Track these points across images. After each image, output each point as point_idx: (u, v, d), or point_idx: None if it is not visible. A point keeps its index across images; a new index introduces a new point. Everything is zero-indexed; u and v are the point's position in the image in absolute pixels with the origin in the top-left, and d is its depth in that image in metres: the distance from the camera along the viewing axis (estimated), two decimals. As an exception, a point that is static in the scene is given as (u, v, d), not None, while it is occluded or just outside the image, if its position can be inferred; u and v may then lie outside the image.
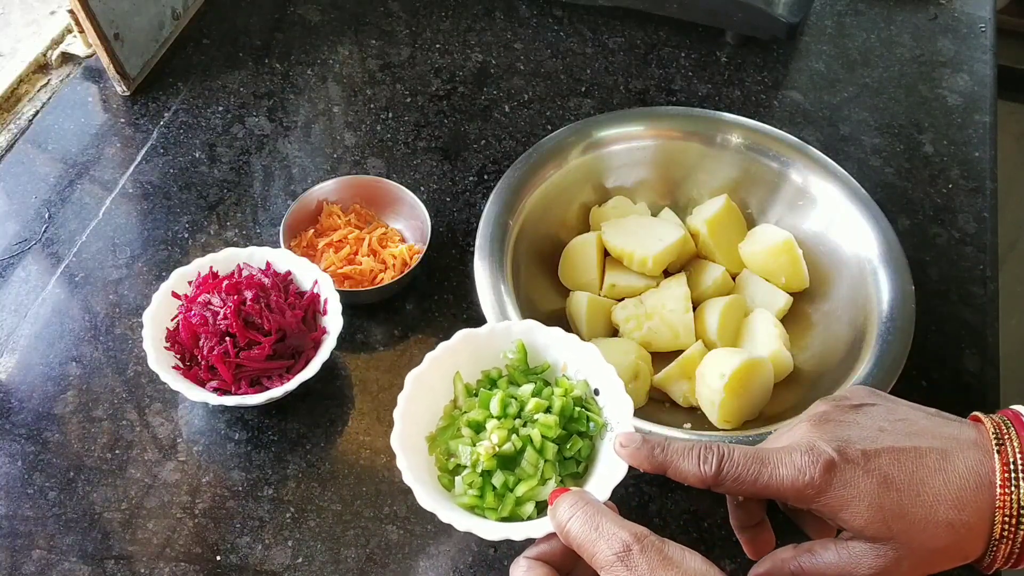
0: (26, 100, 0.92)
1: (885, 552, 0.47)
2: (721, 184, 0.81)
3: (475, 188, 0.86)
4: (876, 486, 0.46)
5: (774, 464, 0.48)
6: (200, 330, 0.68)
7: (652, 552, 0.44)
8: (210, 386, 0.67)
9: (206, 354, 0.67)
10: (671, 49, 1.00)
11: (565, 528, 0.46)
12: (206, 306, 0.68)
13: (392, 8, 1.03)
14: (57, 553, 0.63)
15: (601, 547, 0.44)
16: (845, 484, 0.47)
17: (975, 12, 1.06)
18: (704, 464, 0.48)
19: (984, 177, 0.89)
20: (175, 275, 0.71)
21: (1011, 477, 0.46)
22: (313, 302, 0.72)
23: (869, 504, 0.46)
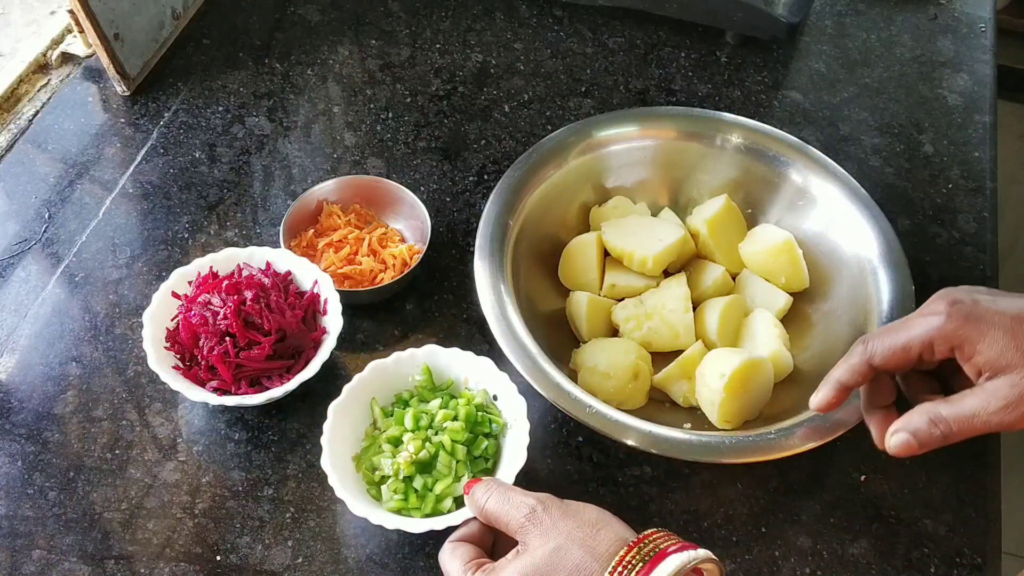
0: (26, 100, 0.92)
1: (1018, 381, 0.50)
2: (721, 184, 0.81)
3: (475, 188, 0.86)
4: (1009, 318, 0.51)
5: (912, 322, 0.55)
6: (200, 330, 0.68)
7: (553, 508, 0.53)
8: (210, 386, 0.67)
9: (206, 354, 0.67)
10: (671, 49, 1.00)
11: (483, 507, 0.55)
12: (206, 306, 0.69)
13: (392, 8, 1.03)
14: (57, 553, 0.63)
15: (513, 514, 0.53)
16: (980, 317, 0.52)
17: (975, 12, 1.06)
18: (852, 358, 0.57)
19: (984, 177, 0.89)
20: (175, 275, 0.71)
21: None
22: (313, 302, 0.72)
23: (1004, 332, 0.51)
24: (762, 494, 0.68)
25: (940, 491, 0.68)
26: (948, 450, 0.70)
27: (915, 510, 0.67)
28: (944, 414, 0.53)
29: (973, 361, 0.52)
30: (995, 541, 0.66)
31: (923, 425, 0.53)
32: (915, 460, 0.70)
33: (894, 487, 0.68)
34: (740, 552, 0.65)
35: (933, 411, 0.53)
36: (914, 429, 0.54)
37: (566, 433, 0.70)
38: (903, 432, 0.54)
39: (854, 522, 0.67)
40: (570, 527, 0.51)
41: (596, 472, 0.68)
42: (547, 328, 0.73)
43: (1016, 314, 0.52)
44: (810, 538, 0.66)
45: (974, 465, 0.70)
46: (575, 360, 0.72)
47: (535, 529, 0.52)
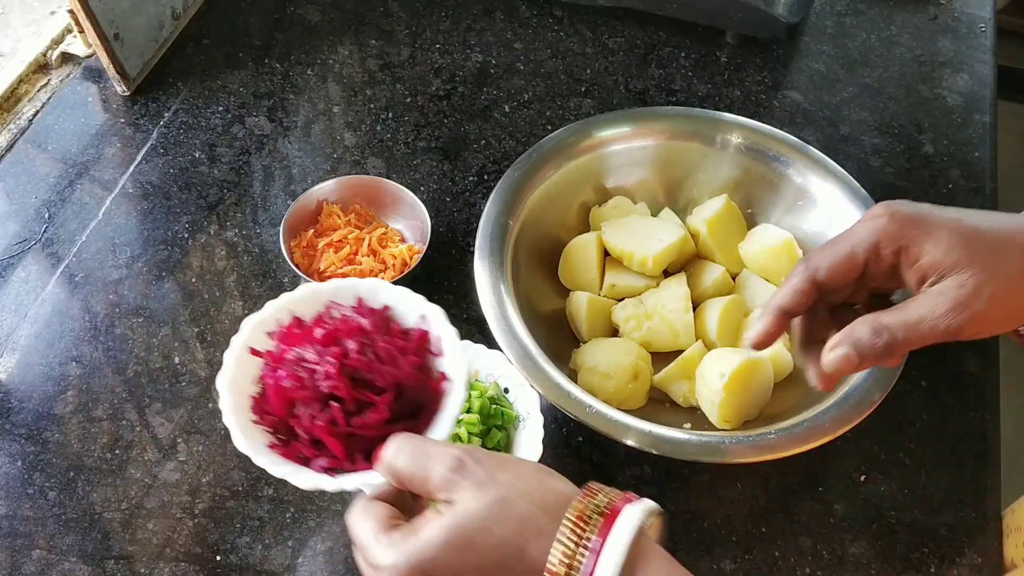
0: (26, 100, 0.92)
1: (966, 280, 0.47)
2: (721, 184, 0.81)
3: (475, 188, 0.86)
4: (951, 218, 0.48)
5: (854, 229, 0.51)
6: (296, 395, 0.53)
7: (485, 459, 0.44)
8: (317, 465, 0.53)
9: (307, 425, 0.53)
10: (671, 49, 1.00)
11: (393, 465, 0.45)
12: (299, 364, 0.54)
13: (392, 8, 1.03)
14: (57, 553, 0.63)
15: (434, 468, 0.43)
16: (923, 217, 0.49)
17: (975, 12, 1.06)
18: (794, 277, 0.52)
19: (984, 177, 0.89)
20: (248, 326, 0.56)
21: None
22: (423, 341, 0.57)
23: (949, 230, 0.48)
24: (762, 494, 0.68)
25: (940, 491, 0.68)
26: (948, 450, 0.70)
27: (915, 510, 0.67)
28: (886, 321, 0.48)
29: (919, 264, 0.49)
30: (995, 541, 0.66)
31: (864, 335, 0.49)
32: (915, 460, 0.70)
33: (894, 487, 0.68)
34: (740, 552, 0.65)
35: (875, 320, 0.49)
36: (854, 340, 0.49)
37: (566, 433, 0.70)
38: (843, 346, 0.49)
39: (854, 522, 0.67)
40: (509, 479, 0.43)
41: (596, 472, 0.68)
42: (547, 328, 0.73)
43: (959, 216, 0.49)
44: (810, 538, 0.66)
45: (974, 465, 0.70)
46: (575, 360, 0.72)
47: (465, 482, 0.43)
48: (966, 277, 0.47)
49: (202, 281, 0.78)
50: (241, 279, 0.79)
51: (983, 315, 0.47)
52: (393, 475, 0.45)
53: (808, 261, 0.52)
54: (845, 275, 0.51)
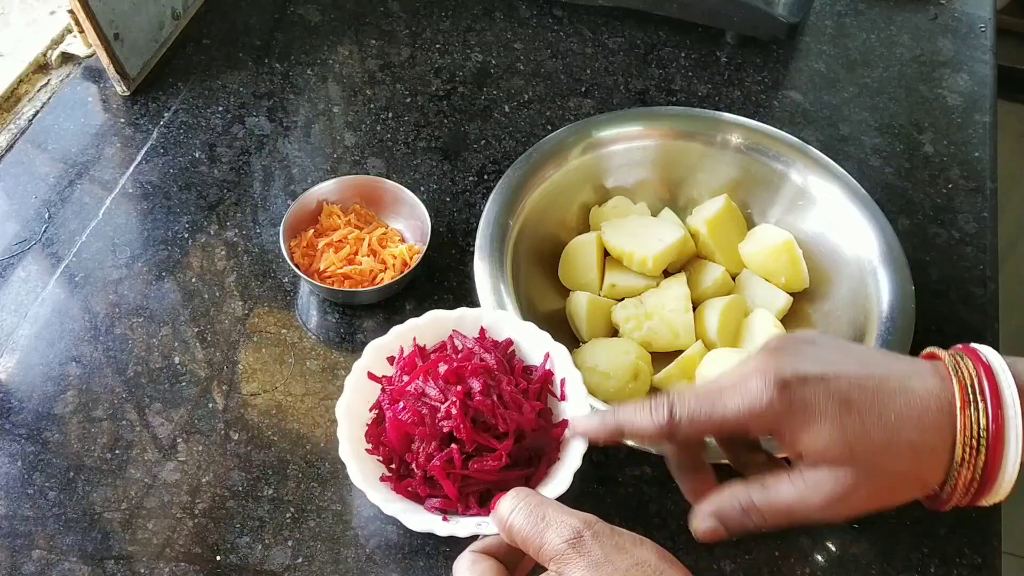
0: (26, 100, 0.92)
1: (844, 477, 0.45)
2: (721, 184, 0.81)
3: (475, 188, 0.86)
4: (838, 406, 0.44)
5: (729, 394, 0.46)
6: (414, 431, 0.52)
7: (604, 536, 0.42)
8: (430, 504, 0.53)
9: (423, 462, 0.52)
10: (671, 49, 1.00)
11: (508, 522, 0.43)
12: (419, 399, 0.53)
13: (392, 8, 1.03)
14: (57, 553, 0.63)
15: (549, 536, 0.42)
16: (805, 405, 0.45)
17: (975, 12, 1.06)
18: (656, 412, 0.47)
19: (984, 177, 0.89)
20: (370, 350, 0.56)
21: (970, 399, 0.44)
22: (546, 382, 0.56)
23: (832, 425, 0.44)
24: (762, 494, 0.68)
25: (940, 491, 0.68)
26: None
27: (915, 510, 0.67)
28: (757, 503, 0.47)
29: (793, 448, 0.46)
30: (995, 541, 0.66)
31: (734, 514, 0.47)
32: (915, 460, 0.70)
33: (894, 487, 0.68)
34: (740, 552, 0.65)
35: (745, 498, 0.47)
36: (723, 517, 0.48)
37: (566, 433, 0.70)
38: (712, 519, 0.48)
39: (854, 522, 0.67)
40: (627, 564, 0.40)
41: (596, 472, 0.68)
42: (547, 328, 0.72)
43: (844, 398, 0.45)
44: (810, 538, 0.66)
45: (974, 465, 0.69)
46: (575, 360, 0.72)
47: (579, 560, 0.41)
48: (843, 475, 0.45)
49: (202, 281, 0.78)
50: (241, 279, 0.79)
51: (857, 509, 0.46)
52: (507, 532, 0.44)
53: (675, 406, 0.47)
54: (704, 434, 0.49)
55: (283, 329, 0.75)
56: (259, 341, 0.75)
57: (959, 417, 0.44)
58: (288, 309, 0.77)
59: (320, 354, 0.74)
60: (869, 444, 0.44)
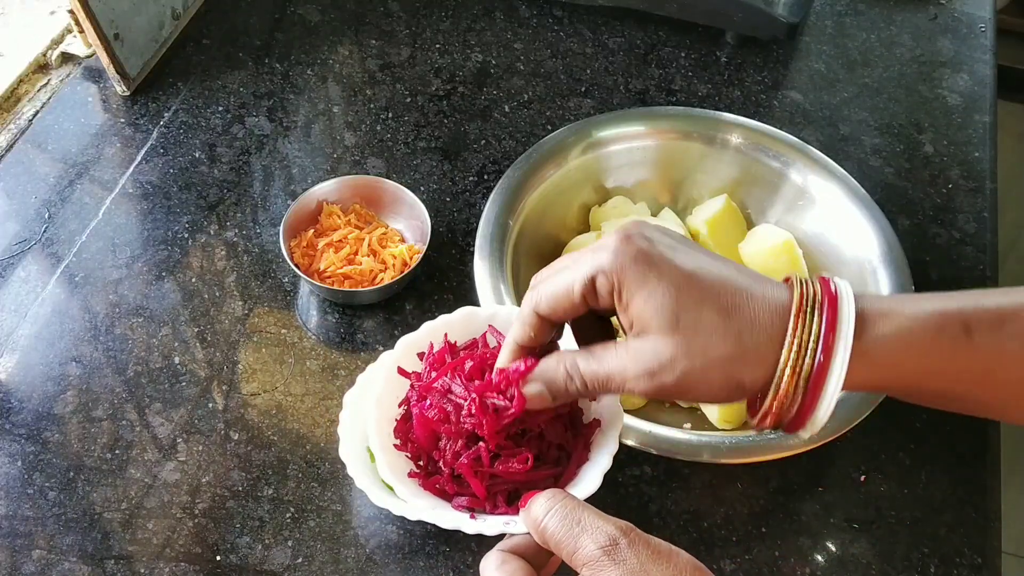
0: (26, 100, 0.92)
1: (663, 348, 0.44)
2: (721, 184, 0.81)
3: (475, 188, 0.86)
4: (677, 275, 0.44)
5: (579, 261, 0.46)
6: (440, 428, 0.51)
7: (640, 545, 0.41)
8: (457, 502, 0.51)
9: (450, 460, 0.51)
10: (671, 49, 1.00)
11: (542, 525, 0.43)
12: (446, 396, 0.51)
13: (392, 8, 1.03)
14: (57, 553, 0.63)
15: (584, 542, 0.41)
16: (649, 261, 0.44)
17: (975, 12, 1.06)
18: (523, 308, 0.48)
19: (984, 177, 0.89)
20: (401, 345, 0.55)
21: (805, 309, 0.43)
22: None
23: (666, 290, 0.44)
24: (762, 494, 0.68)
25: (940, 491, 0.68)
26: (948, 450, 0.70)
27: (915, 510, 0.67)
28: (581, 368, 0.46)
29: (628, 312, 0.45)
30: (995, 541, 0.66)
31: (559, 377, 0.47)
32: (915, 460, 0.70)
33: (894, 487, 0.68)
34: (740, 552, 0.65)
35: (571, 362, 0.46)
36: (548, 379, 0.47)
37: (566, 433, 0.70)
38: (537, 382, 0.47)
39: (854, 522, 0.67)
40: (662, 574, 0.40)
41: (596, 472, 0.68)
42: (547, 328, 0.73)
43: (690, 272, 0.44)
44: (810, 538, 0.66)
45: (974, 465, 0.70)
46: (575, 360, 0.72)
47: (614, 568, 0.40)
48: (663, 346, 0.44)
49: (202, 281, 0.78)
50: (241, 279, 0.79)
51: (669, 388, 0.44)
52: (540, 534, 0.43)
53: (534, 290, 0.48)
54: (567, 310, 0.47)
55: (283, 329, 0.75)
56: (259, 341, 0.75)
57: (791, 321, 0.43)
58: (288, 309, 0.77)
59: (320, 354, 0.74)
60: (696, 320, 0.43)
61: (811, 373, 0.43)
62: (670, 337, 0.43)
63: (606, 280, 0.45)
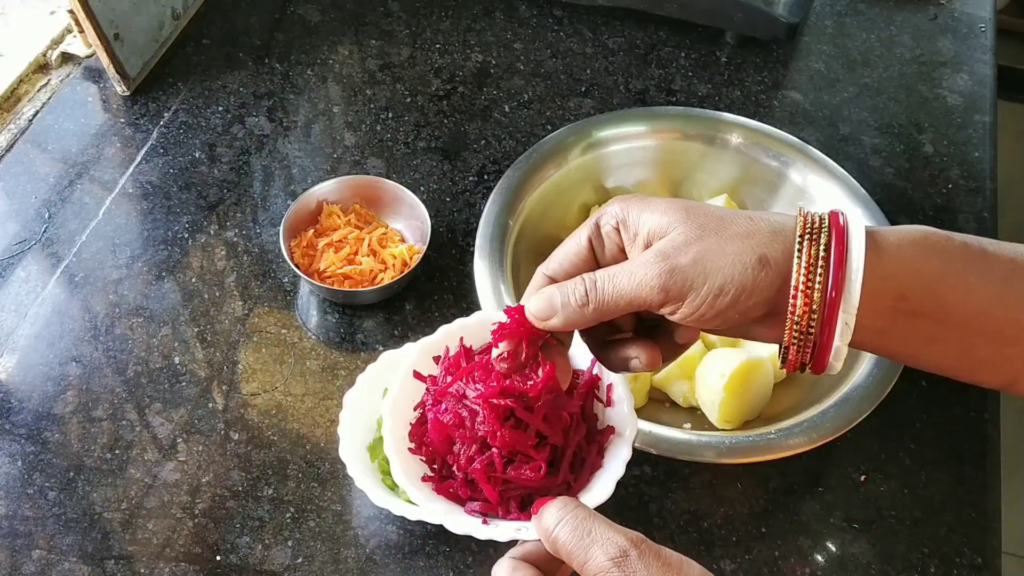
0: (26, 100, 0.92)
1: (678, 234, 0.43)
2: (721, 184, 0.81)
3: (475, 188, 0.86)
4: (683, 203, 0.45)
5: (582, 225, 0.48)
6: (455, 433, 0.51)
7: (651, 557, 0.41)
8: (470, 507, 0.51)
9: (464, 465, 0.51)
10: (671, 49, 1.00)
11: (553, 534, 0.43)
12: (460, 401, 0.51)
13: (392, 8, 1.03)
14: (57, 553, 0.63)
15: (595, 553, 0.41)
16: (644, 198, 0.45)
17: (975, 12, 1.06)
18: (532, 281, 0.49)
19: (984, 177, 0.89)
20: (419, 347, 0.55)
21: (810, 232, 0.43)
22: (592, 388, 0.54)
23: (670, 203, 0.45)
24: (762, 494, 0.68)
25: (940, 491, 0.68)
26: (948, 450, 0.70)
27: (915, 510, 0.67)
28: (596, 275, 0.46)
29: (639, 238, 0.45)
30: (995, 541, 0.66)
31: (570, 287, 0.46)
32: (915, 460, 0.70)
33: (894, 487, 0.68)
34: (740, 552, 0.65)
35: (590, 277, 0.46)
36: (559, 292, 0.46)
37: (566, 433, 0.70)
38: (549, 299, 0.47)
39: (854, 522, 0.67)
40: None
41: (596, 472, 0.68)
42: (547, 328, 0.73)
43: (688, 204, 0.45)
44: (810, 538, 0.66)
45: (974, 465, 0.70)
46: (575, 360, 0.72)
47: None
48: (677, 233, 0.43)
49: (202, 281, 0.78)
50: (241, 279, 0.79)
51: (685, 269, 0.42)
52: (551, 543, 0.43)
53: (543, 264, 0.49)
54: (574, 262, 0.47)
55: (283, 329, 0.75)
56: (259, 341, 0.75)
57: (795, 240, 0.42)
58: (288, 309, 0.77)
59: (320, 354, 0.74)
60: (706, 212, 0.44)
61: (826, 287, 0.42)
62: (683, 226, 0.43)
63: (611, 217, 0.46)
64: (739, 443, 0.63)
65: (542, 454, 0.50)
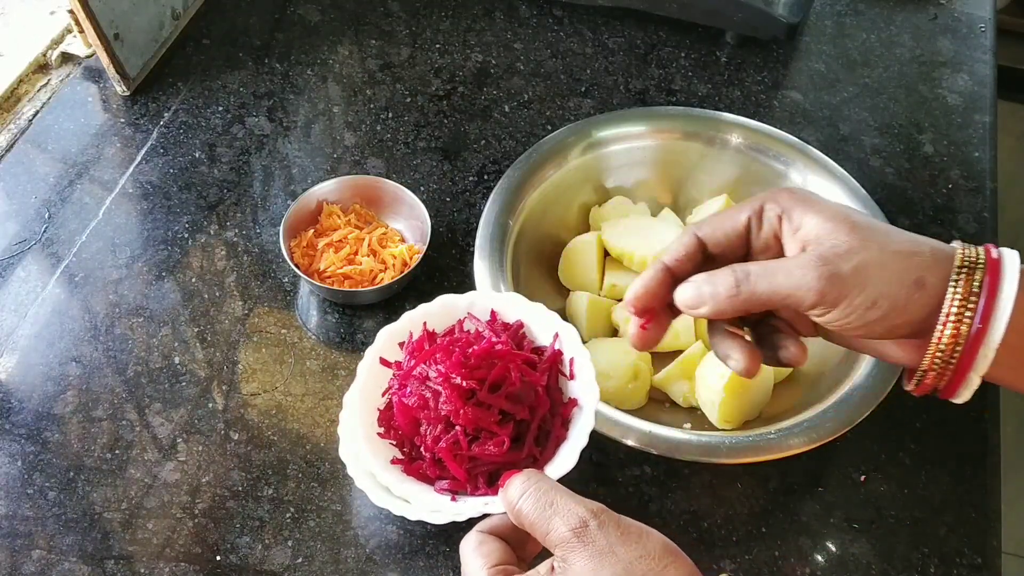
0: (26, 100, 0.92)
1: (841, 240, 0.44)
2: (721, 184, 0.81)
3: (475, 188, 0.86)
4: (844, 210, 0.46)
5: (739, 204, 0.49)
6: (420, 414, 0.53)
7: (611, 526, 0.42)
8: (439, 486, 0.53)
9: (431, 445, 0.53)
10: (671, 49, 1.00)
11: (516, 507, 0.44)
12: (424, 382, 0.53)
13: (392, 8, 1.03)
14: (57, 553, 0.63)
15: (556, 524, 0.43)
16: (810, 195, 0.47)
17: (975, 12, 1.06)
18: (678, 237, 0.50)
19: (984, 177, 0.89)
20: (383, 335, 0.56)
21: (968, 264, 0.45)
22: (555, 364, 0.56)
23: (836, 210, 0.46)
24: (762, 494, 0.68)
25: (940, 491, 0.68)
26: (948, 450, 0.70)
27: (915, 510, 0.67)
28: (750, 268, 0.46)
29: (800, 233, 0.46)
30: (995, 541, 0.66)
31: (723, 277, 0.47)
32: (915, 460, 0.70)
33: (894, 487, 0.68)
34: (740, 552, 0.65)
35: (740, 268, 0.47)
36: (712, 281, 0.47)
37: (566, 433, 0.70)
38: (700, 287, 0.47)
39: (854, 522, 0.67)
40: (631, 556, 0.41)
41: (596, 472, 0.68)
42: (547, 328, 0.73)
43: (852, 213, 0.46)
44: (810, 538, 0.66)
45: (974, 465, 0.70)
46: (575, 360, 0.72)
47: (583, 548, 0.41)
48: (841, 240, 0.45)
49: (202, 281, 0.78)
50: (241, 279, 0.79)
51: (845, 276, 0.44)
52: (515, 516, 0.45)
53: (695, 224, 0.50)
54: (728, 234, 0.48)
55: (283, 329, 0.75)
56: (259, 341, 0.75)
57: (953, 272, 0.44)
58: (288, 309, 0.77)
59: (320, 354, 0.74)
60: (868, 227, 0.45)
61: (971, 327, 0.43)
62: (848, 237, 0.45)
63: (775, 205, 0.47)
64: (739, 443, 0.63)
65: (506, 429, 0.52)
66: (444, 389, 0.52)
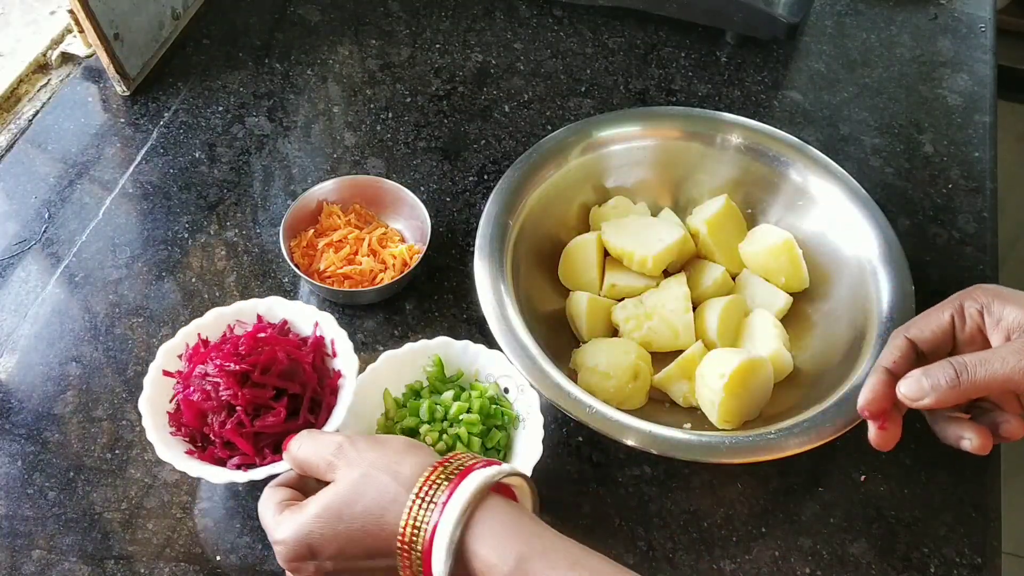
0: (26, 100, 0.92)
1: None
2: (721, 184, 0.81)
3: (475, 188, 0.86)
4: None
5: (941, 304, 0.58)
6: (204, 407, 0.61)
7: (360, 441, 0.52)
8: (232, 464, 0.61)
9: (218, 430, 0.61)
10: (671, 49, 1.00)
11: (296, 456, 0.53)
12: (203, 379, 0.62)
13: (392, 8, 1.03)
14: (57, 553, 0.63)
15: (322, 453, 0.52)
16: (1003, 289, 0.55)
17: (975, 12, 1.06)
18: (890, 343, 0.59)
19: (984, 177, 0.89)
20: (162, 352, 0.64)
21: None
22: (319, 347, 0.66)
23: None
24: (762, 494, 0.68)
25: (940, 491, 0.68)
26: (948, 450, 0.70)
27: (915, 510, 0.67)
28: (967, 360, 0.53)
29: (1002, 324, 0.54)
30: (995, 541, 0.66)
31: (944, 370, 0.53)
32: (915, 460, 0.70)
33: (894, 487, 0.68)
34: (740, 552, 0.65)
35: (957, 360, 0.53)
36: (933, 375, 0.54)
37: (566, 433, 0.70)
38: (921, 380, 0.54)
39: (854, 522, 0.67)
40: (375, 456, 0.50)
41: (596, 472, 0.68)
42: (547, 328, 0.73)
43: None
44: (810, 538, 0.66)
45: (974, 465, 0.69)
46: (575, 360, 0.72)
47: (340, 463, 0.51)
48: None
49: (202, 281, 0.78)
50: (241, 279, 0.79)
51: None
52: (296, 465, 0.54)
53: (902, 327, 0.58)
54: (935, 331, 0.56)
55: (283, 329, 0.75)
56: (259, 341, 0.74)
57: None
58: (288, 309, 0.77)
59: (320, 354, 0.74)
60: None
61: None
62: None
63: (974, 302, 0.55)
64: (739, 443, 0.63)
65: (281, 403, 0.62)
66: (222, 379, 0.61)
